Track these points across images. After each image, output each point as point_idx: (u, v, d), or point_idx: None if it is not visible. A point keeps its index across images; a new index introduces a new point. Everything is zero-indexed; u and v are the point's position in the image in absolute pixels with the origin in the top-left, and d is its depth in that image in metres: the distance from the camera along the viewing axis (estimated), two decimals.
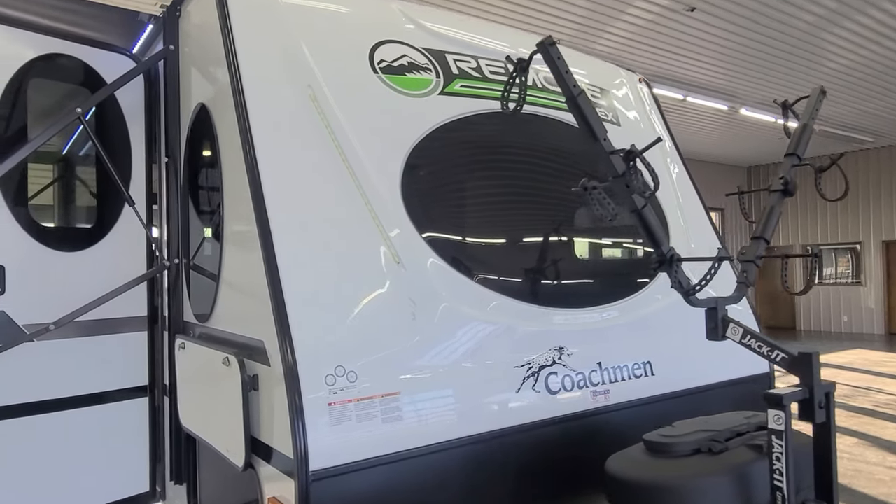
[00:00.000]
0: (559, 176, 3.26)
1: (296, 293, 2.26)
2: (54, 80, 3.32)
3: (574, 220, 3.21)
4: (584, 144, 3.34)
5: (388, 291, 2.47)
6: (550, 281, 3.02)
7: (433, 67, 3.08)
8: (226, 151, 2.72)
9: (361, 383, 2.26)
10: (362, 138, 2.68)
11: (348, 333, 2.33)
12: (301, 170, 2.53)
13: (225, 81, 2.65)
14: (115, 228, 3.45)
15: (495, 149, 3.07)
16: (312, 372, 2.18)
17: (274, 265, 2.28)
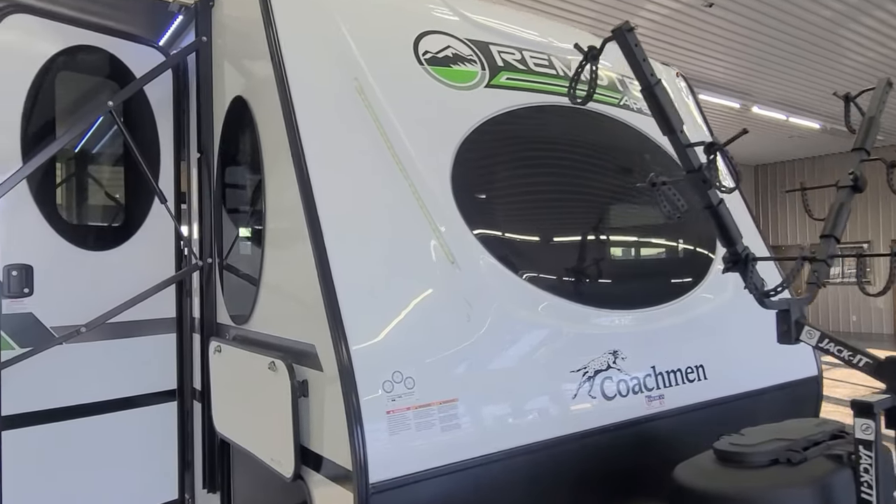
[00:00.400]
0: (608, 172, 3.14)
1: (349, 294, 2.14)
2: (81, 72, 3.20)
3: (624, 218, 3.09)
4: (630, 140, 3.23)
5: (442, 292, 2.35)
6: (602, 281, 2.90)
7: (478, 59, 2.96)
8: (268, 146, 2.59)
9: (419, 390, 2.14)
10: (410, 131, 2.56)
11: (404, 336, 2.21)
12: (350, 164, 2.41)
13: (267, 73, 2.53)
14: (144, 227, 3.33)
15: (544, 143, 2.95)
16: (370, 378, 2.06)
17: (326, 264, 2.16)
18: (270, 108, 2.53)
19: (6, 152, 2.87)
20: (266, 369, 2.37)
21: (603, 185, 3.08)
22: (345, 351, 2.05)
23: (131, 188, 3.35)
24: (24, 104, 2.95)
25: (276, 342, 2.49)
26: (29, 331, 2.92)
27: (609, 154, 3.18)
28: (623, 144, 3.22)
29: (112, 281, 3.19)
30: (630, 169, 3.20)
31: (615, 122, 3.24)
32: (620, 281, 3.00)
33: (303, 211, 2.25)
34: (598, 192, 3.05)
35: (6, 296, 2.85)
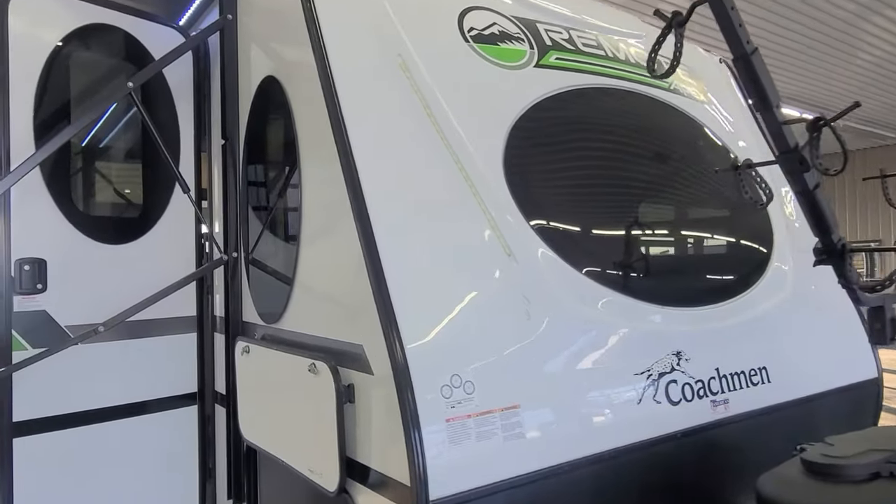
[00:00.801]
0: (665, 159, 2.93)
1: (402, 290, 1.93)
2: (97, 53, 2.99)
3: (682, 208, 2.88)
4: (684, 126, 3.02)
5: (499, 287, 2.14)
6: (664, 276, 2.69)
7: (525, 37, 2.75)
8: (304, 130, 2.38)
9: (479, 395, 1.93)
10: (459, 113, 2.35)
11: (461, 336, 2.00)
12: (398, 148, 2.20)
13: (304, 50, 2.32)
14: (163, 219, 3.12)
15: (599, 128, 2.74)
16: (428, 382, 1.85)
17: (376, 258, 1.94)
18: (308, 88, 2.32)
19: (18, 138, 2.66)
20: (305, 372, 2.16)
21: (660, 173, 2.87)
22: (400, 352, 1.84)
23: (150, 177, 3.13)
24: (36, 86, 2.74)
25: (314, 342, 2.28)
26: (42, 330, 2.71)
27: (665, 140, 2.97)
28: (678, 131, 3.01)
29: (130, 276, 2.98)
30: (687, 156, 2.99)
31: (668, 107, 3.03)
32: (680, 276, 2.79)
33: (348, 201, 2.04)
34: (656, 180, 2.84)
35: (18, 292, 2.64)
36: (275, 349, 2.44)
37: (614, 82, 2.88)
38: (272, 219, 2.75)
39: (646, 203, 2.80)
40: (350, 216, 2.03)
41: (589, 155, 2.66)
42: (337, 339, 2.14)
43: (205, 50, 3.27)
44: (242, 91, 2.89)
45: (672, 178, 2.87)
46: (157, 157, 3.13)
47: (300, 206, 2.38)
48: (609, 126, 2.77)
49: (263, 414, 2.58)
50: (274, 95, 2.58)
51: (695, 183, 2.89)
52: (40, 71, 2.76)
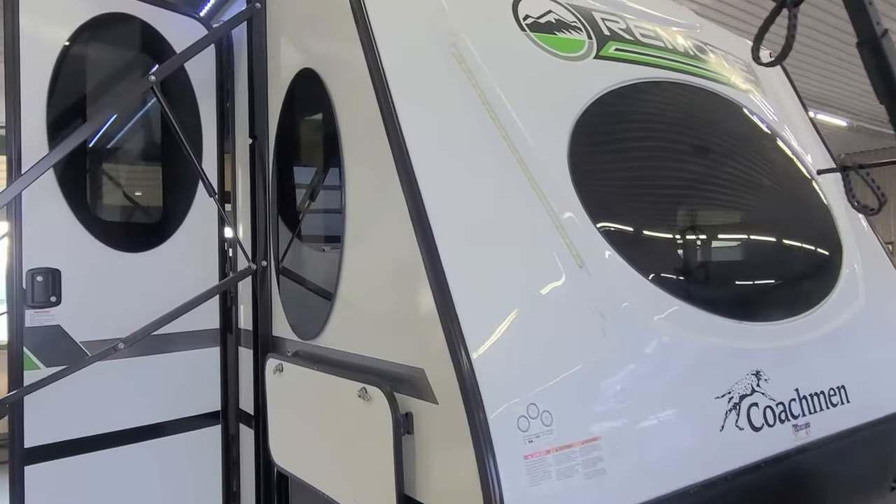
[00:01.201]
0: (735, 159, 2.70)
1: (469, 308, 1.70)
2: (114, 45, 2.77)
3: (754, 213, 2.64)
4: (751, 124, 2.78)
5: (572, 302, 1.91)
6: (738, 287, 2.46)
7: (583, 27, 2.52)
8: (349, 126, 2.15)
9: (558, 427, 1.70)
10: (518, 108, 2.12)
11: (535, 360, 1.77)
12: (457, 147, 1.97)
13: (348, 40, 2.09)
14: (185, 225, 2.89)
15: (665, 124, 2.51)
16: (503, 413, 1.62)
17: (440, 271, 1.71)
18: (353, 81, 2.09)
19: (31, 137, 2.43)
20: (353, 397, 1.93)
21: (729, 174, 2.64)
22: (470, 378, 1.61)
23: (170, 180, 2.91)
24: (49, 81, 2.51)
25: (362, 363, 2.04)
26: (56, 347, 2.48)
27: (733, 139, 2.74)
28: (744, 129, 2.79)
29: (149, 287, 2.75)
30: (755, 157, 2.76)
31: (732, 103, 2.80)
32: (755, 287, 2.56)
33: (406, 205, 1.81)
34: (726, 182, 2.61)
35: (30, 305, 2.41)
36: (314, 369, 2.20)
37: (677, 76, 2.65)
38: (307, 224, 2.52)
39: (716, 207, 2.56)
40: (407, 222, 1.80)
41: (657, 154, 2.42)
42: (391, 361, 1.91)
43: (228, 42, 3.04)
44: (272, 86, 2.66)
45: (741, 179, 2.64)
46: (178, 157, 2.91)
47: (343, 210, 2.15)
48: (675, 123, 2.54)
49: (299, 439, 2.35)
50: (311, 90, 2.35)
51: (764, 185, 2.67)
52: (53, 64, 2.53)
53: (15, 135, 2.39)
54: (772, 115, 3.06)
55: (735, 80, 3.00)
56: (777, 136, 2.93)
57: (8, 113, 2.41)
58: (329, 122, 2.24)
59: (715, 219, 2.53)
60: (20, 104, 2.43)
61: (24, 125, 2.41)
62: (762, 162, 2.76)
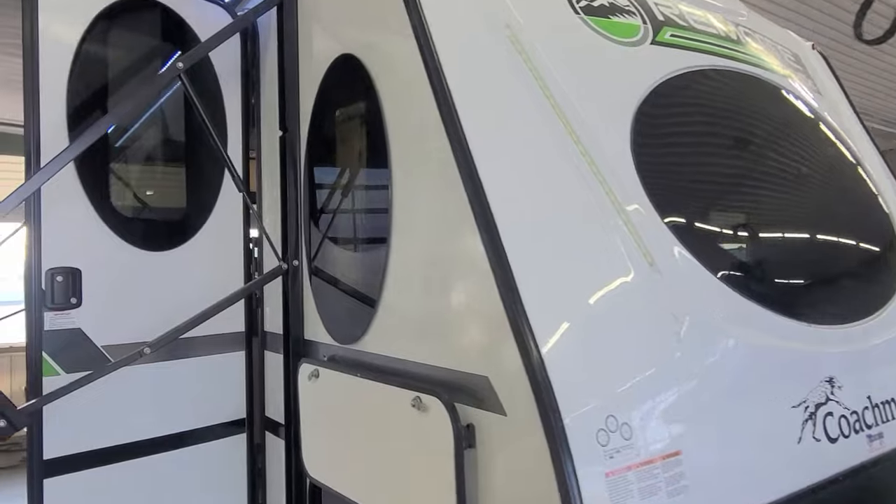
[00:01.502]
0: (801, 152, 2.55)
1: (540, 310, 1.55)
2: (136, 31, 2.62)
3: (823, 208, 2.49)
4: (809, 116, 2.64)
5: (645, 305, 1.76)
6: (809, 287, 2.31)
7: (637, 11, 2.37)
8: (397, 116, 2.00)
9: (639, 441, 1.55)
10: (578, 95, 1.97)
11: (610, 367, 1.62)
12: (519, 137, 1.83)
13: (395, 20, 1.94)
14: (210, 222, 2.74)
15: (728, 114, 2.36)
16: (582, 426, 1.47)
17: (507, 270, 1.56)
18: (403, 66, 1.94)
19: (51, 128, 2.28)
20: (405, 407, 1.77)
21: (795, 169, 2.49)
22: (547, 389, 1.46)
23: (195, 174, 2.75)
24: (70, 69, 2.36)
25: (412, 370, 1.89)
26: (77, 352, 2.32)
27: (798, 132, 2.59)
28: (807, 122, 2.64)
29: (173, 287, 2.60)
30: (814, 149, 2.61)
31: (790, 94, 2.65)
32: (825, 287, 2.40)
33: (467, 201, 1.66)
34: (792, 177, 2.46)
35: (49, 307, 2.25)
36: (357, 376, 2.05)
37: (733, 64, 2.50)
38: (344, 222, 2.37)
39: (784, 202, 2.41)
40: (469, 220, 1.65)
41: (722, 146, 2.27)
42: (447, 368, 1.75)
43: (253, 30, 2.89)
44: (306, 75, 2.51)
45: (806, 175, 2.50)
46: (202, 151, 2.76)
47: (390, 207, 1.99)
48: (738, 113, 2.39)
49: (338, 450, 2.20)
50: (352, 78, 2.20)
51: (829, 181, 2.52)
52: (73, 52, 2.38)
53: (33, 127, 2.24)
54: (827, 109, 2.91)
55: (787, 71, 2.86)
56: (835, 131, 2.78)
57: (26, 105, 2.26)
58: (373, 112, 2.08)
59: (783, 215, 2.38)
60: (39, 95, 2.28)
61: (43, 117, 2.26)
62: (823, 157, 2.62)
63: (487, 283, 1.59)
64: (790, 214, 2.39)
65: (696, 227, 2.04)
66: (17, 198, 2.01)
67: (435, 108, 1.77)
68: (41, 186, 2.13)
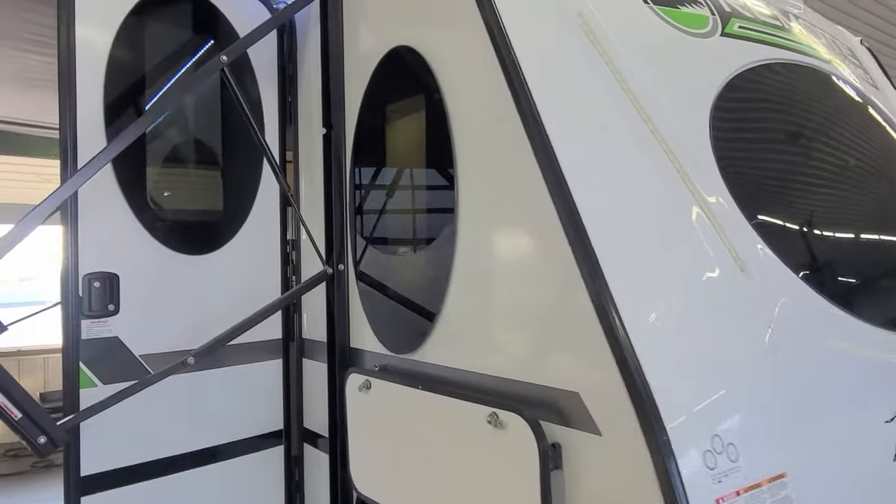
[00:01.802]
0: (876, 150, 2.42)
1: (638, 322, 1.43)
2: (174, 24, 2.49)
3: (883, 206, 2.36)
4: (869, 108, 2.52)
5: (740, 314, 1.63)
6: (890, 291, 2.18)
7: (703, 1, 2.25)
8: (463, 109, 1.87)
9: (745, 462, 1.42)
10: (654, 87, 1.85)
11: (712, 384, 1.49)
12: (602, 133, 1.70)
13: (465, 11, 1.82)
14: (248, 223, 2.62)
15: (804, 109, 2.24)
16: (689, 447, 1.34)
17: (600, 278, 1.44)
18: (470, 58, 1.82)
19: (88, 125, 2.16)
20: (480, 423, 1.65)
21: (875, 167, 2.36)
22: (652, 408, 1.33)
23: (232, 173, 2.63)
24: (106, 64, 2.24)
25: (485, 383, 1.76)
26: (114, 362, 2.20)
27: (871, 129, 2.46)
28: (878, 119, 2.51)
29: (210, 293, 2.48)
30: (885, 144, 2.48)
31: (858, 90, 2.52)
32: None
33: (552, 204, 1.53)
34: (875, 176, 2.33)
35: (86, 315, 2.13)
36: (416, 388, 1.92)
37: (801, 58, 2.38)
38: (400, 222, 2.24)
39: (871, 202, 2.29)
40: (553, 222, 1.52)
41: (801, 142, 2.15)
42: (528, 382, 1.62)
43: (290, 24, 2.77)
44: (353, 69, 2.39)
45: (886, 174, 2.37)
46: (240, 150, 2.64)
47: (455, 205, 1.87)
48: (814, 108, 2.27)
49: (393, 465, 2.07)
50: (408, 71, 2.07)
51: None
52: (110, 45, 2.25)
53: (70, 126, 2.11)
54: (885, 104, 2.79)
55: (848, 66, 2.73)
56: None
57: (62, 103, 2.13)
58: (434, 106, 1.96)
59: (872, 217, 2.25)
60: (75, 92, 2.15)
61: (79, 115, 2.13)
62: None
63: (578, 294, 1.47)
64: (880, 216, 2.26)
65: (783, 229, 1.91)
66: (56, 199, 1.89)
67: (511, 101, 1.65)
68: (79, 188, 2.01)
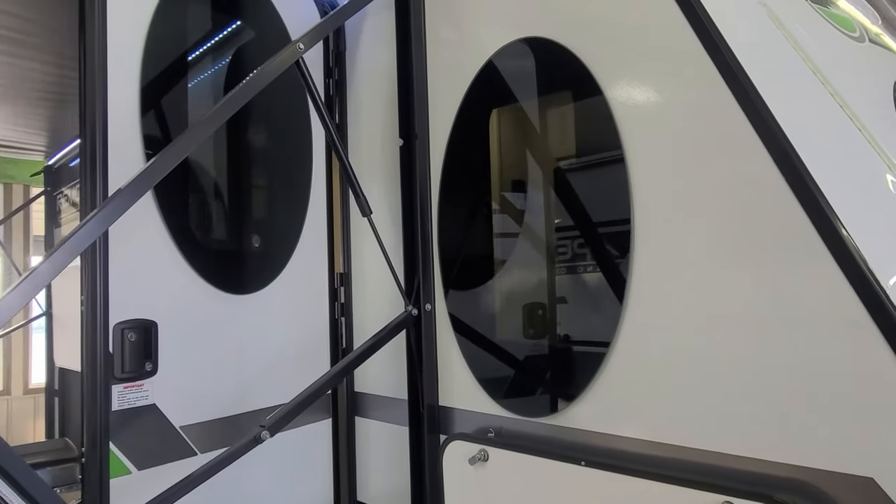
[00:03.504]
0: None
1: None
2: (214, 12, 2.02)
3: None
4: None
5: None
6: None
7: (839, 4, 2.01)
8: (641, 108, 1.51)
9: None
10: (845, 84, 1.57)
11: None
12: (826, 134, 1.40)
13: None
14: (296, 255, 2.14)
15: None
16: None
17: (890, 315, 1.10)
18: (659, 57, 1.47)
19: (122, 140, 1.64)
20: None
21: None
22: None
23: (278, 197, 2.15)
24: (141, 63, 1.73)
25: (695, 459, 1.37)
26: (152, 438, 1.66)
27: None
28: None
29: (256, 340, 1.98)
30: None
31: None
32: None
33: (808, 222, 1.20)
34: None
35: (118, 378, 1.59)
36: (578, 464, 1.51)
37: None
38: (527, 250, 1.84)
39: None
40: (814, 241, 1.19)
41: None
42: (775, 462, 1.25)
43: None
44: (440, 71, 1.99)
45: None
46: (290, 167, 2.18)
47: (631, 223, 1.49)
48: None
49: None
50: (549, 68, 1.70)
51: None
52: (145, 35, 1.75)
53: (100, 142, 1.57)
54: None
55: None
56: None
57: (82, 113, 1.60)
58: (595, 110, 1.58)
59: None
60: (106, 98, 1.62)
61: (111, 128, 1.61)
62: None
63: (860, 340, 1.13)
64: None
65: None
66: (88, 234, 1.35)
67: (727, 89, 1.31)
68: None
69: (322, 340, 2.22)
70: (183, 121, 1.83)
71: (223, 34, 2.01)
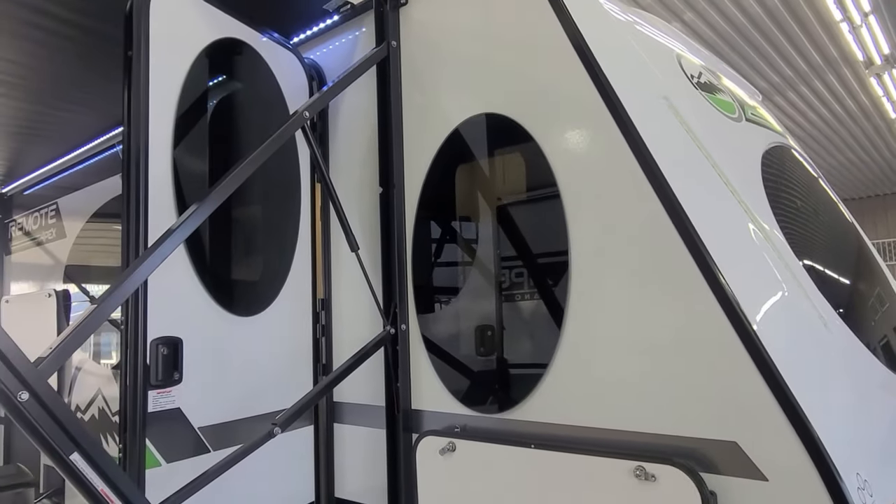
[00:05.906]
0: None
1: (790, 368, 1.60)
2: (228, 74, 2.38)
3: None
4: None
5: (832, 361, 1.88)
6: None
7: (724, 89, 2.58)
8: (574, 181, 1.98)
9: (877, 496, 1.62)
10: (726, 163, 2.10)
11: (848, 422, 1.70)
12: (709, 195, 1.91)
13: (573, 80, 1.97)
14: (288, 282, 2.50)
15: (801, 185, 2.60)
16: (853, 486, 1.52)
17: (744, 326, 1.61)
18: (586, 129, 1.96)
19: (159, 188, 1.98)
20: (622, 478, 1.72)
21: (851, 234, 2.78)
22: (822, 448, 1.50)
23: (274, 231, 2.51)
24: (174, 119, 2.09)
25: (612, 438, 1.83)
26: (177, 436, 1.98)
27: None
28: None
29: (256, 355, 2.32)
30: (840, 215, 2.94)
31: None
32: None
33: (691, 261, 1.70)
34: (855, 243, 2.75)
35: (153, 385, 1.91)
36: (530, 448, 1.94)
37: (781, 139, 2.78)
38: (480, 279, 2.27)
39: (863, 264, 2.69)
40: (695, 281, 1.68)
41: (811, 215, 2.51)
42: (670, 435, 1.72)
43: (318, 74, 2.74)
44: (415, 131, 2.42)
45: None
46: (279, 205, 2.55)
47: (568, 262, 1.95)
48: (803, 183, 2.64)
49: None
50: (503, 136, 2.16)
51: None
52: (178, 97, 2.11)
53: (142, 195, 1.92)
54: None
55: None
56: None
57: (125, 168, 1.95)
58: (539, 175, 2.05)
59: (871, 277, 2.65)
60: (147, 156, 1.97)
61: (151, 180, 1.95)
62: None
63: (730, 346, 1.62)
64: (874, 278, 2.67)
65: (835, 286, 2.22)
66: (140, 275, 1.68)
67: (637, 169, 1.81)
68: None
69: (306, 356, 2.57)
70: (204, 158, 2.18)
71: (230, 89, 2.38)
